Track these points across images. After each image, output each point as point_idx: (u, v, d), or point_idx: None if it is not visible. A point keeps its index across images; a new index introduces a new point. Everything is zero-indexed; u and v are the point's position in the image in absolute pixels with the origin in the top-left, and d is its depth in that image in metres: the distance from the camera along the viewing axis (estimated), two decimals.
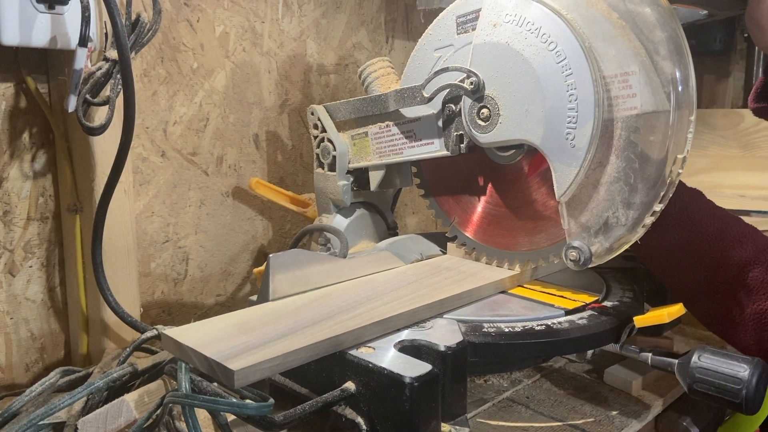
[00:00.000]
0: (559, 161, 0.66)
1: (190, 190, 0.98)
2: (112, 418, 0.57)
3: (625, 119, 0.63)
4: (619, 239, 0.65)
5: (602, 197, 0.65)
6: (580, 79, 0.63)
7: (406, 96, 0.78)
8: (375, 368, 0.54)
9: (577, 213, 0.67)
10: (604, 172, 0.65)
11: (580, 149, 0.64)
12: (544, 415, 0.70)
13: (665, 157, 0.63)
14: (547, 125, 0.66)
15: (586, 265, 0.66)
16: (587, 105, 0.63)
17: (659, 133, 0.62)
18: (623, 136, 0.63)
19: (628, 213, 0.64)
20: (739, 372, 0.58)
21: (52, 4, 0.70)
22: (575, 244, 0.67)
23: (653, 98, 0.62)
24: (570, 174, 0.65)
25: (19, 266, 0.81)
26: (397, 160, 0.83)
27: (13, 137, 0.79)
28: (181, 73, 0.95)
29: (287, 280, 0.68)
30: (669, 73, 0.62)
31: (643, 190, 0.64)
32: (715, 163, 1.56)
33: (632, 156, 0.63)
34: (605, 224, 0.65)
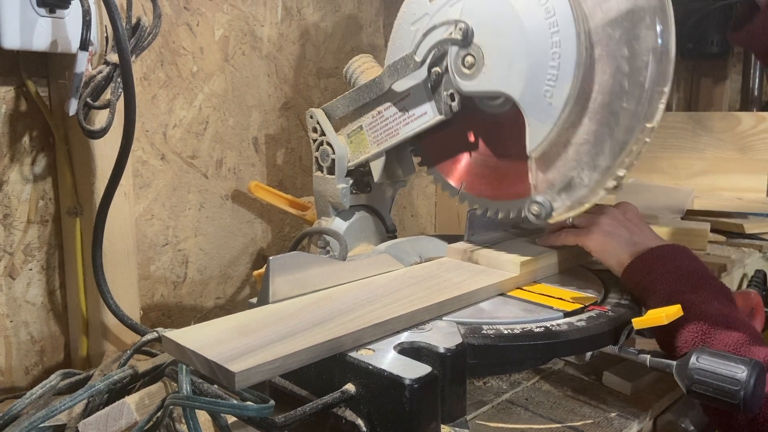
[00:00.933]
0: (534, 117, 0.67)
1: (189, 193, 0.99)
2: (112, 420, 0.57)
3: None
4: (580, 199, 0.67)
5: (570, 157, 0.67)
6: (566, 37, 0.64)
7: (399, 67, 0.78)
8: (375, 370, 0.55)
9: (544, 169, 0.69)
10: (575, 132, 0.67)
11: (556, 108, 0.66)
12: (543, 417, 0.70)
13: (635, 125, 0.64)
14: (528, 80, 0.67)
15: (546, 219, 0.69)
16: (569, 64, 0.64)
17: (632, 100, 0.64)
18: (598, 99, 0.65)
19: (592, 175, 0.66)
20: (737, 373, 0.58)
21: (53, 8, 0.70)
22: (538, 199, 0.69)
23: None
24: (543, 131, 0.67)
25: (19, 269, 0.81)
26: (395, 141, 0.83)
27: (14, 140, 0.79)
28: (181, 76, 0.95)
29: (287, 282, 0.69)
30: (651, 42, 0.63)
31: (609, 154, 0.65)
32: (713, 166, 1.57)
33: (604, 120, 0.65)
34: (569, 183, 0.68)
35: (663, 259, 0.73)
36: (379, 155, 0.86)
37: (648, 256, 0.74)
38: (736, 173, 1.55)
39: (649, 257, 0.74)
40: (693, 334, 0.67)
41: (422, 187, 1.39)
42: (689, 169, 1.59)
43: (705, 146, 1.57)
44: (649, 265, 0.73)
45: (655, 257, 0.74)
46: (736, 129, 1.55)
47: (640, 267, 0.74)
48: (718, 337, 0.66)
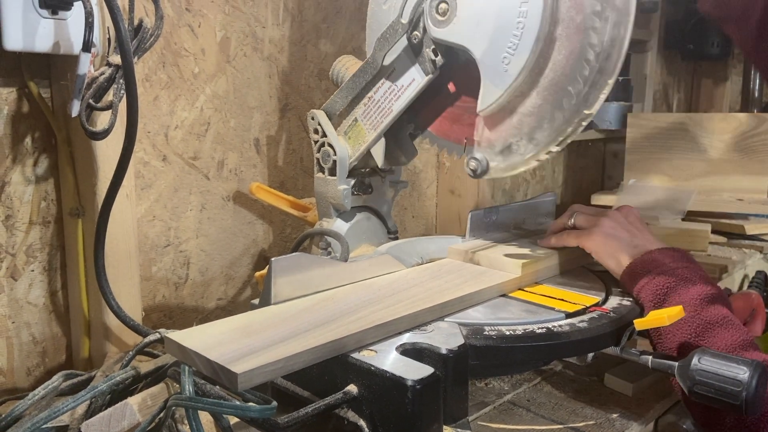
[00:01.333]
0: (489, 79, 0.71)
1: (191, 194, 0.99)
2: (115, 421, 0.58)
3: (555, 62, 0.68)
4: (514, 165, 0.73)
5: (513, 124, 0.72)
6: (533, 10, 0.67)
7: (388, 36, 0.80)
8: (377, 371, 0.55)
9: (489, 129, 0.73)
10: (522, 103, 0.71)
11: (510, 75, 0.69)
12: (545, 418, 0.70)
13: (576, 109, 0.68)
14: (491, 42, 0.70)
15: (481, 176, 0.74)
16: (530, 36, 0.67)
17: (578, 85, 0.67)
18: (549, 76, 0.68)
19: (528, 146, 0.71)
20: (739, 374, 0.59)
21: (55, 10, 0.71)
22: (477, 156, 0.75)
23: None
24: (495, 94, 0.71)
25: (21, 270, 0.81)
26: (390, 119, 0.84)
27: (16, 142, 0.79)
28: (183, 77, 0.95)
29: (289, 283, 0.69)
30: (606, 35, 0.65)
31: (547, 130, 0.70)
32: (714, 167, 1.57)
33: (550, 98, 0.69)
34: (507, 148, 0.73)
35: (661, 262, 0.73)
36: (377, 139, 0.87)
37: (647, 258, 0.74)
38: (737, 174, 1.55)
39: (647, 259, 0.74)
40: (686, 336, 0.67)
41: (423, 189, 1.39)
42: (690, 171, 1.59)
43: (705, 147, 1.57)
44: (648, 268, 0.73)
45: (653, 260, 0.74)
46: (736, 130, 1.55)
47: (638, 269, 0.74)
48: (711, 340, 0.66)
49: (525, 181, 1.70)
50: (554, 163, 1.81)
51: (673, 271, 0.72)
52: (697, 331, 0.67)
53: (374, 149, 0.88)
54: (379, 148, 0.87)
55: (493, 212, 0.91)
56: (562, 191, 1.86)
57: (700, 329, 0.67)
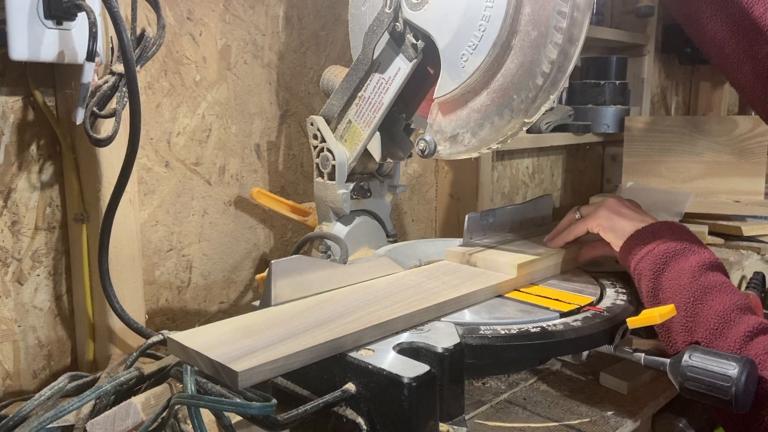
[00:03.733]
0: (447, 71, 0.76)
1: (193, 199, 1.00)
2: (119, 420, 0.59)
3: (507, 70, 0.72)
4: (457, 153, 0.78)
5: (462, 116, 0.77)
6: (495, 16, 0.70)
7: (375, 28, 0.83)
8: (374, 369, 0.56)
9: (441, 115, 0.79)
10: (473, 99, 0.76)
11: (466, 72, 0.74)
12: (540, 416, 0.71)
13: (516, 116, 0.72)
14: (454, 37, 0.74)
15: (428, 156, 0.79)
16: (488, 40, 0.71)
17: (522, 94, 0.71)
18: (499, 81, 0.73)
19: (471, 140, 0.77)
20: (729, 370, 0.60)
21: (59, 21, 0.72)
22: (427, 138, 0.80)
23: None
24: (450, 86, 0.76)
25: (27, 275, 0.83)
26: (382, 112, 0.86)
27: (22, 149, 0.81)
28: (185, 85, 0.97)
29: (289, 285, 0.70)
30: (554, 55, 0.68)
31: (489, 130, 0.74)
32: (711, 169, 1.58)
33: (497, 101, 0.73)
34: (454, 137, 0.78)
35: (661, 233, 0.75)
36: (372, 134, 0.89)
37: (647, 229, 0.76)
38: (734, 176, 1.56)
39: (648, 230, 0.76)
40: (685, 301, 0.69)
41: (422, 192, 1.41)
42: (687, 173, 1.60)
43: (703, 150, 1.59)
44: (648, 239, 0.75)
45: (654, 231, 0.76)
46: (733, 132, 1.56)
47: (639, 240, 0.76)
48: (709, 303, 0.68)
49: (524, 184, 1.71)
50: (553, 166, 1.82)
51: (673, 241, 0.74)
52: (696, 296, 0.69)
53: (371, 145, 0.89)
54: (375, 144, 0.90)
55: (490, 215, 0.92)
56: (560, 194, 1.87)
57: (699, 294, 0.69)
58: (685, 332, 0.68)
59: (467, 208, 1.37)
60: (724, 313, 0.66)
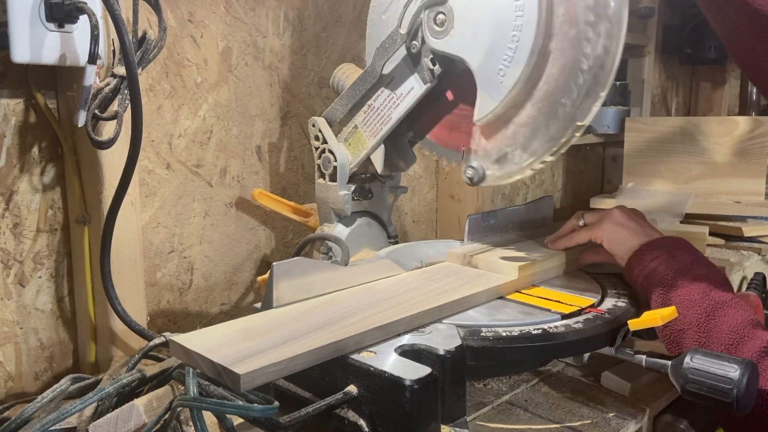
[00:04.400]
0: (485, 90, 0.72)
1: (194, 201, 1.00)
2: (122, 422, 0.59)
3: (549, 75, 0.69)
4: (510, 173, 0.74)
5: (509, 134, 0.73)
6: (527, 24, 0.68)
7: (387, 46, 0.81)
8: (376, 371, 0.56)
9: (485, 139, 0.75)
10: (517, 113, 0.72)
11: (506, 87, 0.71)
12: (542, 418, 0.71)
13: (569, 120, 0.69)
14: (487, 54, 0.72)
15: (478, 184, 0.75)
16: (524, 50, 0.69)
17: (571, 97, 0.68)
18: (543, 89, 0.70)
19: (523, 155, 0.72)
20: (730, 372, 0.60)
21: (61, 23, 0.72)
22: (474, 164, 0.76)
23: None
24: (491, 105, 0.72)
25: (29, 277, 0.83)
26: (389, 126, 0.86)
27: (23, 151, 0.81)
28: (186, 87, 0.97)
29: (290, 287, 0.70)
30: (598, 49, 0.66)
31: (541, 141, 0.71)
32: (711, 170, 1.58)
33: (544, 109, 0.70)
34: (503, 157, 0.74)
35: (665, 249, 0.76)
36: (377, 146, 0.89)
37: (655, 244, 0.77)
38: (735, 177, 1.56)
39: (656, 244, 0.77)
40: (697, 314, 0.69)
41: (423, 194, 1.41)
42: (688, 173, 1.60)
43: (703, 150, 1.59)
44: (656, 251, 0.76)
45: (660, 245, 0.77)
46: (733, 133, 1.56)
47: (647, 253, 0.76)
48: (721, 318, 0.68)
49: (525, 185, 1.71)
50: (554, 167, 1.82)
51: (681, 256, 0.75)
52: (708, 312, 0.69)
53: (374, 156, 0.89)
54: (379, 155, 0.89)
55: (491, 216, 0.92)
56: (561, 195, 1.87)
57: (711, 309, 0.69)
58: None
59: (468, 209, 1.37)
60: (738, 328, 0.66)
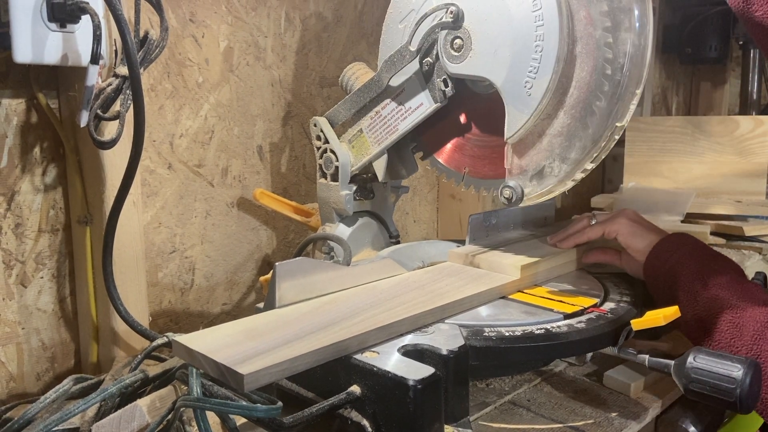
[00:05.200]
0: (513, 105, 0.71)
1: (196, 201, 1.00)
2: (125, 422, 0.59)
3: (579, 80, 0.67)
4: (550, 188, 0.71)
5: (544, 147, 0.71)
6: (549, 32, 0.67)
7: (395, 60, 0.81)
8: (379, 372, 0.56)
9: (519, 156, 0.73)
10: (551, 124, 0.70)
11: (535, 99, 0.69)
12: (544, 418, 0.71)
13: (606, 123, 0.67)
14: (510, 69, 0.70)
15: (517, 203, 0.73)
16: (549, 58, 0.67)
17: (606, 99, 0.67)
18: (575, 94, 0.68)
19: (562, 166, 0.70)
20: (733, 372, 0.60)
21: (63, 23, 0.72)
22: (510, 184, 0.73)
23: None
24: (521, 119, 0.70)
25: (31, 277, 0.83)
26: (395, 137, 0.85)
27: (25, 151, 0.81)
28: (187, 87, 0.97)
29: (293, 287, 0.70)
30: (628, 46, 0.65)
31: (580, 148, 0.69)
32: (712, 170, 1.58)
33: (578, 115, 0.68)
34: (541, 172, 0.71)
35: (690, 242, 0.77)
36: (380, 154, 0.88)
37: (674, 238, 0.78)
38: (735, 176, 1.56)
39: (675, 238, 0.78)
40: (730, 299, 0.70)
41: (424, 193, 1.41)
42: (688, 173, 1.60)
43: (704, 150, 1.59)
44: (679, 243, 0.77)
45: (683, 238, 0.78)
46: (734, 133, 1.56)
47: (670, 245, 0.77)
48: (750, 312, 0.69)
49: None
50: None
51: (704, 247, 0.77)
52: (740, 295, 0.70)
53: (376, 163, 0.89)
54: (381, 163, 0.89)
55: (492, 216, 0.92)
56: (562, 194, 1.87)
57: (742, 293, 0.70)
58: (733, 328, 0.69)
59: (469, 209, 1.37)
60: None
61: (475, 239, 0.89)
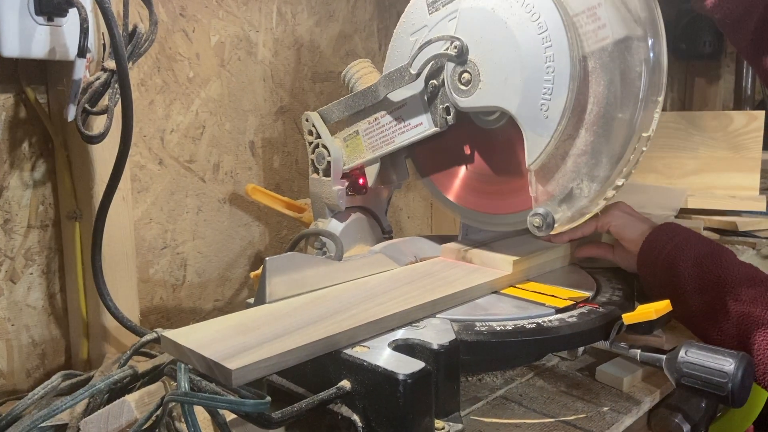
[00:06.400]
0: (531, 130, 0.68)
1: (187, 196, 1.00)
2: (113, 418, 0.59)
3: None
4: (581, 209, 0.69)
5: (569, 168, 0.68)
6: (559, 52, 0.65)
7: (394, 78, 0.79)
8: (370, 366, 0.56)
9: (544, 181, 0.70)
10: (573, 144, 0.68)
11: (553, 120, 0.66)
12: (536, 412, 0.71)
13: (631, 134, 0.66)
14: (524, 94, 0.68)
15: (548, 231, 0.70)
16: (563, 78, 0.65)
17: (627, 110, 0.65)
18: (594, 110, 0.66)
19: (591, 185, 0.68)
20: (725, 366, 0.60)
21: (50, 17, 0.72)
22: (540, 211, 0.70)
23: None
24: (541, 144, 0.68)
25: (20, 273, 0.83)
26: (390, 149, 0.84)
27: (14, 147, 0.80)
28: (178, 82, 0.96)
29: (283, 282, 0.70)
30: (643, 53, 0.65)
31: (607, 164, 0.67)
32: (706, 165, 1.58)
33: (600, 131, 0.66)
34: (569, 194, 0.69)
35: (683, 230, 0.78)
36: (374, 161, 0.88)
37: (669, 226, 0.79)
38: (729, 172, 1.56)
39: (670, 226, 0.79)
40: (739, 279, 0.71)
41: (418, 189, 1.41)
42: (682, 169, 1.60)
43: (698, 145, 1.59)
44: (673, 231, 0.78)
45: (676, 228, 0.79)
46: (728, 128, 1.56)
47: (663, 233, 0.78)
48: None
49: None
50: None
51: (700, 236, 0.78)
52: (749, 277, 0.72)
53: (368, 169, 0.89)
54: (373, 170, 0.89)
55: None
56: None
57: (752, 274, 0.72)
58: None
59: None
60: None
61: (468, 235, 0.89)
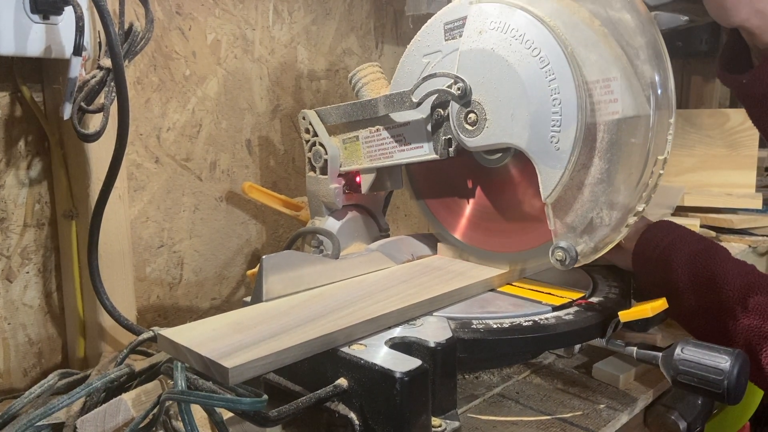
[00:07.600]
0: (544, 164, 0.67)
1: (184, 195, 1.00)
2: (110, 416, 0.59)
3: (608, 123, 0.65)
4: (604, 239, 0.67)
5: (587, 198, 0.67)
6: (563, 83, 0.65)
7: (395, 101, 0.79)
8: (366, 364, 0.56)
9: (562, 214, 0.68)
10: (588, 173, 0.66)
11: (564, 152, 0.65)
12: (533, 410, 0.71)
13: (646, 159, 0.65)
14: (532, 129, 0.67)
15: (572, 265, 0.68)
16: (570, 108, 0.64)
17: (640, 135, 0.64)
18: (605, 138, 0.65)
19: (611, 213, 0.66)
20: (721, 363, 0.60)
21: (46, 15, 0.72)
22: (562, 245, 0.68)
23: (634, 102, 0.64)
24: (555, 176, 0.66)
25: (16, 272, 0.82)
26: (387, 163, 0.84)
27: (9, 145, 0.80)
28: (174, 80, 0.96)
29: (280, 281, 0.70)
30: (648, 77, 0.64)
31: (625, 191, 0.66)
32: (702, 162, 1.58)
33: (615, 158, 0.65)
34: (590, 224, 0.67)
35: (678, 227, 0.78)
36: (370, 171, 0.88)
37: (664, 223, 0.79)
38: (725, 169, 1.56)
39: (664, 224, 0.79)
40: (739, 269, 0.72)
41: None
42: (679, 166, 1.60)
43: (694, 143, 1.59)
44: (668, 229, 0.78)
45: (671, 225, 0.79)
46: (724, 126, 1.57)
47: (658, 230, 0.78)
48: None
49: None
50: None
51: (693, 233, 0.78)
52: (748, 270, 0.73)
53: (363, 177, 0.89)
54: (368, 179, 0.89)
55: None
56: None
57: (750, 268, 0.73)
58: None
59: None
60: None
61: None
